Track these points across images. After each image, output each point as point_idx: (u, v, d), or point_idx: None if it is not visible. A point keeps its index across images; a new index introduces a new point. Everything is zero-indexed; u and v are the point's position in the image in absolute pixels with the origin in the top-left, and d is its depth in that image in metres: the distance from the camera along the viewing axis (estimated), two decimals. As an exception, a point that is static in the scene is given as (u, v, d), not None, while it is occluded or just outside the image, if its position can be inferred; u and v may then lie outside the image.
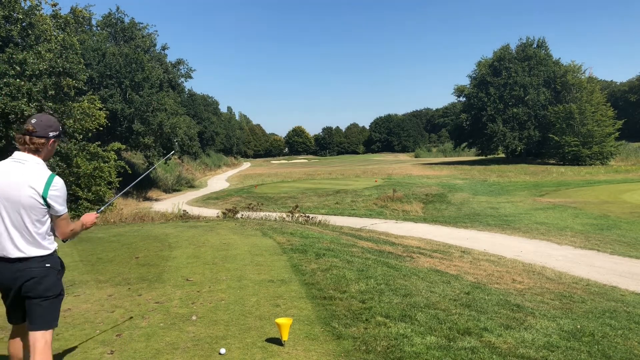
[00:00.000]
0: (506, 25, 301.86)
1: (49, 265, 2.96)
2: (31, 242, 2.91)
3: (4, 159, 3.01)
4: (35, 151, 2.95)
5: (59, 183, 2.93)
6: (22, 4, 17.87)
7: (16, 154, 2.98)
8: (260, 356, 3.67)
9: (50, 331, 2.96)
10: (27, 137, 2.94)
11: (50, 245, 2.99)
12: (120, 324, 4.46)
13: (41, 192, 2.86)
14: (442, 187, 30.35)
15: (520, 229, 15.30)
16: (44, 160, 3.00)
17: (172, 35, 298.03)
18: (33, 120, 2.96)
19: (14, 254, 2.87)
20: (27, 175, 2.88)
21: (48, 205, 2.90)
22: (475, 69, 60.05)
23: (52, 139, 3.00)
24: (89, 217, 3.27)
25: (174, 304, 5.02)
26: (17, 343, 3.14)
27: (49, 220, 2.96)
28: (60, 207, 2.94)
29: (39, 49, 16.94)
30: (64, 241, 3.17)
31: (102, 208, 3.75)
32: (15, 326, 3.14)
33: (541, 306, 6.10)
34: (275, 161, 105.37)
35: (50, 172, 2.94)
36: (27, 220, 2.88)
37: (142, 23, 42.62)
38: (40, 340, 2.91)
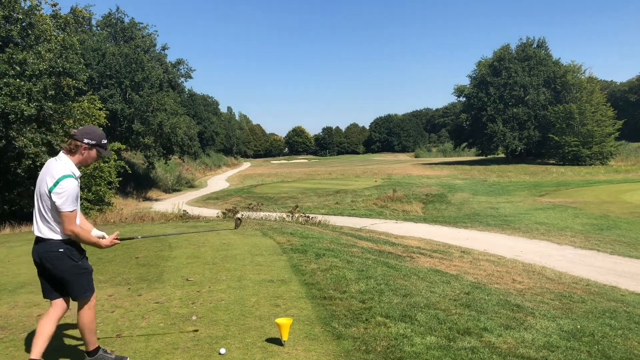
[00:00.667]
0: (506, 25, 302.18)
1: (62, 250, 3.34)
2: (47, 226, 3.34)
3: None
4: (69, 152, 3.38)
5: (65, 184, 3.24)
6: (22, 4, 17.85)
7: (60, 153, 3.45)
8: (260, 356, 3.67)
9: (86, 300, 3.44)
10: (68, 139, 3.43)
11: (59, 232, 3.34)
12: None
13: (49, 186, 3.25)
14: (442, 187, 30.35)
15: (520, 229, 15.29)
16: (80, 164, 3.43)
17: (172, 35, 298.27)
18: (80, 128, 3.46)
19: (36, 232, 3.37)
20: (51, 170, 3.32)
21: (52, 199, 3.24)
22: (475, 69, 60.10)
23: (85, 145, 3.37)
24: (106, 241, 3.57)
25: (174, 304, 5.02)
26: (49, 322, 3.44)
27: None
28: (61, 204, 3.22)
29: (39, 49, 16.93)
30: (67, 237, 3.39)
31: (125, 239, 3.96)
32: (52, 302, 3.50)
33: (541, 306, 6.10)
34: (275, 161, 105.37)
35: (66, 173, 3.28)
36: (43, 207, 3.32)
37: (142, 23, 42.64)
38: (80, 304, 3.46)
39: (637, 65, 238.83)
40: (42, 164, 15.82)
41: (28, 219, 16.94)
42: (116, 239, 3.60)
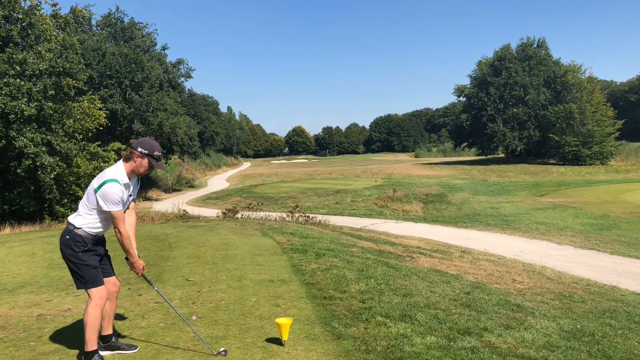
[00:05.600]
0: (506, 25, 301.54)
1: (67, 237, 3.58)
2: (75, 213, 3.67)
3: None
4: (125, 159, 3.64)
5: (106, 189, 3.50)
6: (22, 4, 17.87)
7: (120, 159, 3.74)
8: (260, 356, 3.67)
9: (89, 291, 3.57)
10: (127, 147, 3.72)
11: (77, 221, 3.59)
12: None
13: (95, 187, 3.56)
14: (442, 187, 30.35)
15: (520, 229, 15.29)
16: (133, 172, 3.66)
17: (173, 35, 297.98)
18: (139, 138, 3.70)
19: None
20: (104, 172, 3.64)
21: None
22: (476, 69, 60.08)
23: (138, 154, 3.59)
24: (140, 263, 3.79)
25: (174, 304, 5.02)
26: (108, 303, 3.75)
27: (96, 210, 3.56)
28: (103, 205, 3.51)
29: (39, 48, 16.93)
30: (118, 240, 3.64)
31: (152, 285, 4.04)
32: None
33: (541, 306, 6.10)
34: (275, 161, 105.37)
35: (111, 178, 3.53)
36: (83, 198, 3.67)
37: (141, 23, 42.55)
38: (89, 299, 3.57)
39: (637, 65, 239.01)
40: (42, 164, 15.95)
41: (28, 219, 16.96)
42: (143, 273, 3.84)
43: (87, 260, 3.59)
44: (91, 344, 3.57)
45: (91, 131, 20.23)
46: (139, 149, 3.59)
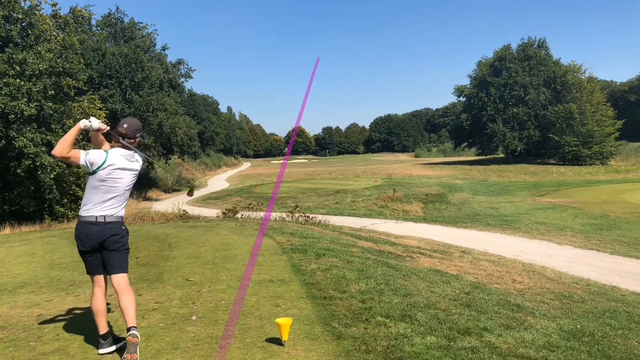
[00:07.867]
0: (507, 25, 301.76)
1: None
2: None
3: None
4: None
5: None
6: (22, 4, 17.88)
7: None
8: (260, 356, 3.67)
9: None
10: (122, 139, 3.79)
11: None
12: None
13: None
14: (442, 187, 30.36)
15: (520, 229, 15.29)
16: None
17: (172, 35, 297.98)
18: (125, 125, 3.81)
19: None
20: None
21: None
22: (476, 69, 60.15)
23: (138, 139, 3.89)
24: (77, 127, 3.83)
25: (174, 304, 5.02)
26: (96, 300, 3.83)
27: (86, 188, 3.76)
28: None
29: (39, 49, 16.94)
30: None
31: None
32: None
33: (541, 306, 6.10)
34: (275, 161, 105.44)
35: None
36: None
37: (141, 23, 42.56)
38: None
39: (637, 65, 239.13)
40: (42, 164, 15.96)
41: (28, 218, 16.96)
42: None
43: (79, 248, 3.76)
44: (99, 328, 3.76)
45: (91, 131, 20.21)
46: (138, 135, 3.91)
